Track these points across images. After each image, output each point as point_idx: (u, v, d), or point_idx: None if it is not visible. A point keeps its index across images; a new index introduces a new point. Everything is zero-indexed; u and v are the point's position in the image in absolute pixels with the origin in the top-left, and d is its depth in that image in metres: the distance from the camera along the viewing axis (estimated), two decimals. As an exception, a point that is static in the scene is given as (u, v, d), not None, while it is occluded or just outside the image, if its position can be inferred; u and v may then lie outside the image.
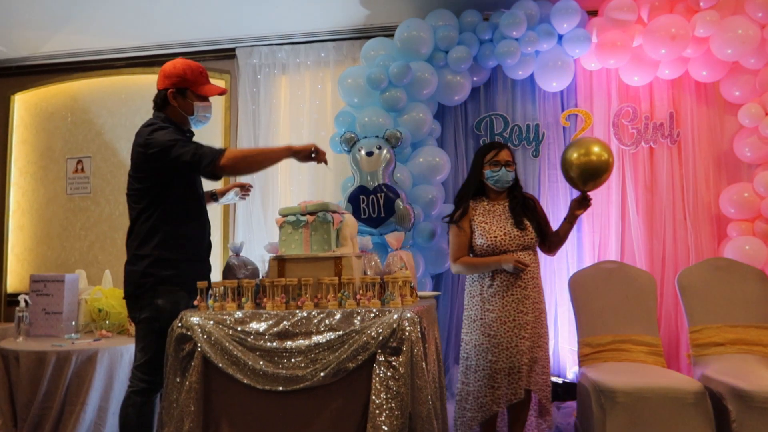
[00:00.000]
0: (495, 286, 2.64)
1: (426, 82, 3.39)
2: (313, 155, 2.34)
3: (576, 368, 3.51)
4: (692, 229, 3.52)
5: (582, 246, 3.63)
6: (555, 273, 3.60)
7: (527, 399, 2.75)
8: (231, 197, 2.68)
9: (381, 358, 1.99)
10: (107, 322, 3.46)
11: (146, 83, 4.50)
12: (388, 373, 1.97)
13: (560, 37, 3.49)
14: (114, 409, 2.88)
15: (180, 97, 2.35)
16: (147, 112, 4.41)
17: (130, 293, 2.31)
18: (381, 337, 1.99)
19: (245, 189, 2.72)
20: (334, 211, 2.39)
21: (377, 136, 3.28)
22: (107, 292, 3.63)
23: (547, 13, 3.46)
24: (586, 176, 2.66)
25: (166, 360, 2.16)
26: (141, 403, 2.26)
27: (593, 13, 3.59)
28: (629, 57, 3.39)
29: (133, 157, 2.31)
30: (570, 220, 2.73)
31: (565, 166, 2.72)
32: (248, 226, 4.08)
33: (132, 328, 3.33)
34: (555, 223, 2.90)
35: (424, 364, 1.99)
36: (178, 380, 2.12)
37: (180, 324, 2.13)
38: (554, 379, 3.40)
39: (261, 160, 2.31)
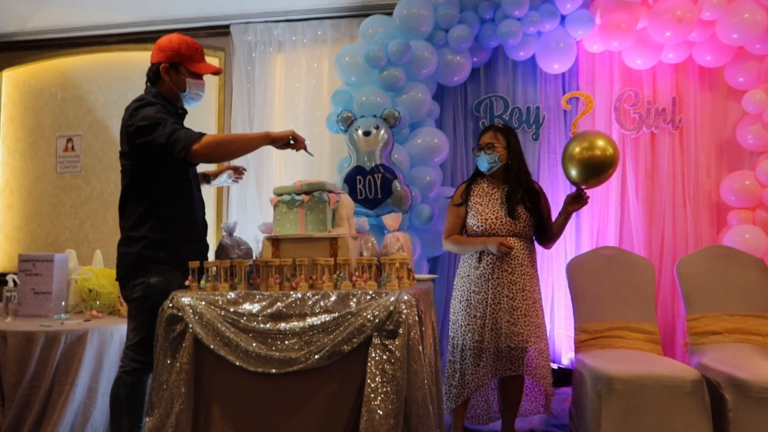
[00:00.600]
0: (481, 268, 2.68)
1: (425, 61, 3.31)
2: (291, 142, 2.26)
3: (572, 354, 3.49)
4: (692, 217, 3.48)
5: (580, 231, 3.59)
6: (552, 258, 3.56)
7: (519, 384, 2.75)
8: (224, 180, 2.61)
9: (377, 341, 1.94)
10: (97, 302, 3.39)
11: (139, 60, 4.39)
12: (384, 357, 1.92)
13: (563, 17, 3.41)
14: (104, 390, 2.84)
15: (173, 72, 2.28)
16: (140, 90, 4.29)
17: (122, 275, 2.25)
18: (377, 320, 1.94)
19: (239, 172, 2.64)
20: (330, 191, 2.33)
21: (375, 116, 3.20)
22: (98, 272, 3.56)
23: (550, -8, 3.38)
24: (588, 172, 2.58)
25: (156, 340, 2.10)
26: (132, 383, 2.22)
27: (596, -6, 3.51)
28: (633, 39, 3.32)
29: (121, 132, 2.24)
30: (564, 216, 2.69)
31: (566, 161, 2.64)
32: (242, 206, 4.01)
33: (123, 309, 3.28)
34: (556, 211, 2.84)
35: (420, 347, 1.95)
36: (168, 361, 2.07)
37: (171, 304, 2.08)
38: (551, 365, 3.37)
39: (236, 148, 2.22)
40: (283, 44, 4.06)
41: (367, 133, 3.15)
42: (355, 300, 2.00)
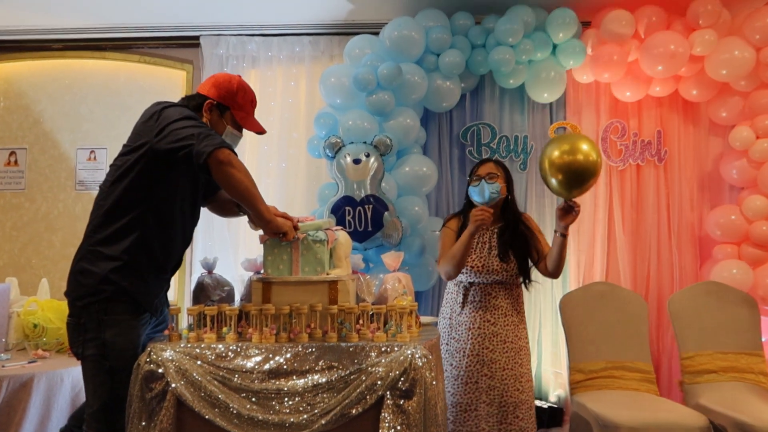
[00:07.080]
0: (464, 315, 2.47)
1: (416, 86, 3.15)
2: (281, 236, 2.01)
3: (560, 392, 3.38)
4: (677, 250, 3.46)
5: (567, 264, 3.49)
6: (539, 292, 3.45)
7: None
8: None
9: (390, 401, 1.73)
10: (44, 339, 3.03)
11: (93, 69, 4.04)
12: (398, 420, 1.72)
13: (555, 46, 3.34)
14: (52, 444, 2.51)
15: (216, 112, 2.05)
16: (94, 102, 4.03)
17: (76, 297, 1.86)
18: (390, 378, 1.73)
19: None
20: (327, 228, 2.12)
21: (365, 142, 3.00)
22: (44, 304, 3.19)
23: (542, 21, 3.30)
24: (572, 180, 2.22)
25: (129, 402, 1.81)
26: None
27: (586, 24, 3.47)
28: (624, 72, 3.29)
29: (137, 124, 1.94)
30: (561, 232, 2.49)
31: (545, 167, 2.27)
32: (208, 234, 3.69)
33: (74, 348, 2.93)
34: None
35: (438, 409, 1.76)
36: (143, 424, 1.79)
37: (148, 359, 1.80)
38: (538, 403, 3.25)
39: (251, 193, 1.91)
40: (257, 60, 3.81)
41: (357, 161, 2.94)
42: (364, 354, 1.79)
